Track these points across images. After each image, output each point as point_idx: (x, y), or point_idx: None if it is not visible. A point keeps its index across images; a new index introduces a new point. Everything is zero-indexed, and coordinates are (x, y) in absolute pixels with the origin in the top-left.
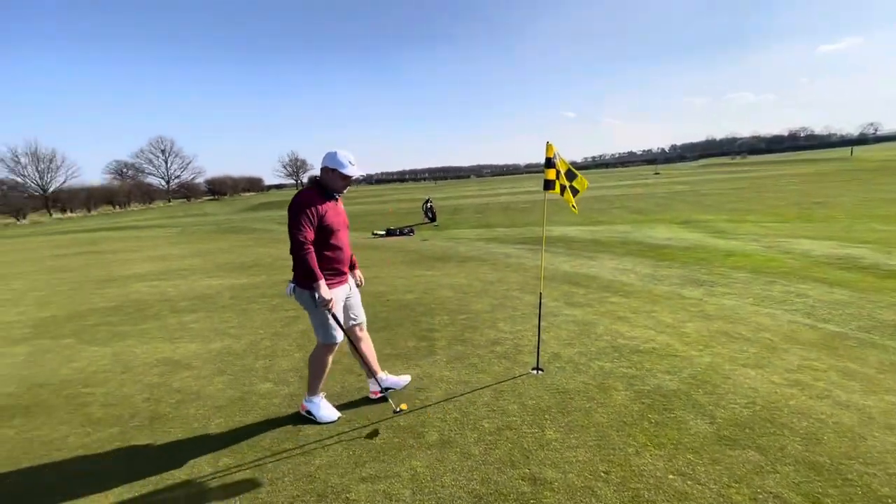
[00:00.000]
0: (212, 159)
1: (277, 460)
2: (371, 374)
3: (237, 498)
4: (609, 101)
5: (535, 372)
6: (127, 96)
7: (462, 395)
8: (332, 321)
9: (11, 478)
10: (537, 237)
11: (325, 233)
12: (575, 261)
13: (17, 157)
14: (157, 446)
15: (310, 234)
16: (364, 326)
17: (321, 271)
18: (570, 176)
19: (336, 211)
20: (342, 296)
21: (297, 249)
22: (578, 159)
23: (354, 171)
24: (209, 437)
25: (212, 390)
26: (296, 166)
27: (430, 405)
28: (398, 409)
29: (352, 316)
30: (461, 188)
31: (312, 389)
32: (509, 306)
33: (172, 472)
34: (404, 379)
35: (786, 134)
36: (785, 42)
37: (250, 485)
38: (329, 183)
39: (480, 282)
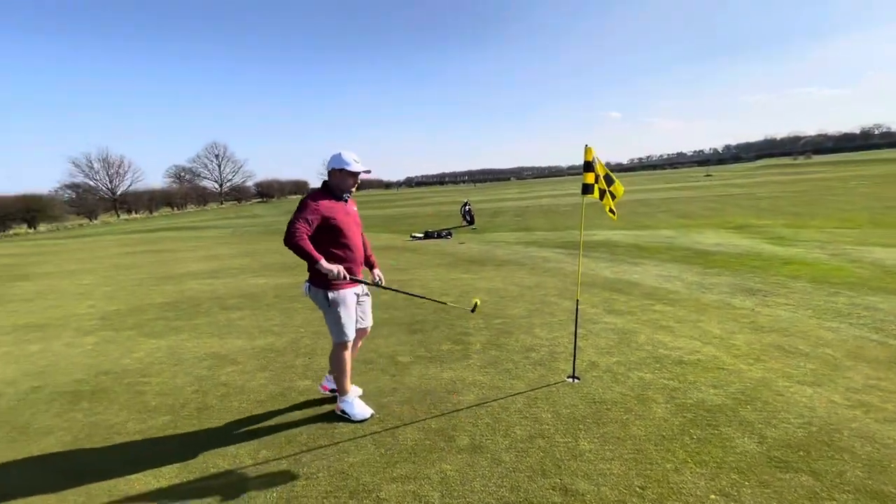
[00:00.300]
0: (261, 163)
1: (313, 456)
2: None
3: (274, 489)
4: (657, 100)
5: (570, 380)
6: (189, 99)
7: (495, 400)
8: (344, 319)
9: (77, 457)
10: (578, 241)
11: (334, 233)
12: (617, 266)
13: (90, 162)
14: (204, 436)
15: (304, 226)
16: (367, 332)
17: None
18: (609, 181)
19: (346, 211)
20: (353, 297)
21: (288, 237)
22: (624, 161)
23: (359, 167)
24: (250, 429)
25: (254, 385)
26: None
27: (461, 409)
28: (473, 309)
29: (359, 317)
30: (501, 191)
31: (342, 389)
32: (546, 312)
33: (216, 461)
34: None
35: (857, 132)
36: (859, 31)
37: (287, 478)
38: (339, 184)
39: (517, 286)
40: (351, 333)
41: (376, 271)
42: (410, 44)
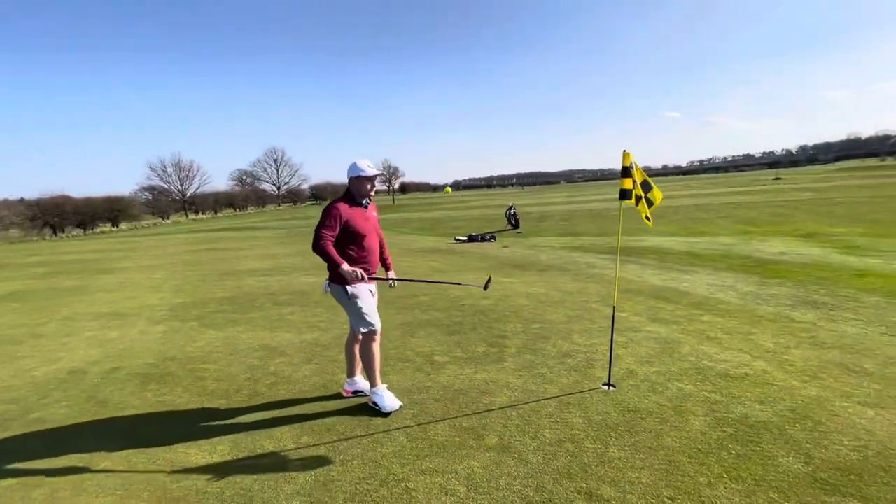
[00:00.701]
0: (314, 167)
1: (349, 444)
2: (350, 374)
3: (312, 472)
4: (722, 98)
5: (605, 388)
6: (248, 104)
7: (526, 403)
8: (365, 310)
9: (146, 431)
10: (627, 247)
11: (351, 237)
12: (666, 274)
13: (165, 167)
14: (253, 419)
15: (328, 233)
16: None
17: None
18: (646, 187)
19: (365, 217)
20: (368, 291)
21: (315, 243)
22: (683, 163)
23: (373, 171)
24: (294, 416)
25: (300, 376)
26: (388, 173)
27: (493, 410)
28: (486, 286)
29: None
30: (549, 194)
31: (372, 381)
32: (587, 318)
33: (263, 442)
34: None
35: None
36: None
37: (324, 462)
38: (358, 190)
39: (559, 292)
40: (376, 322)
41: (391, 273)
42: (457, 42)
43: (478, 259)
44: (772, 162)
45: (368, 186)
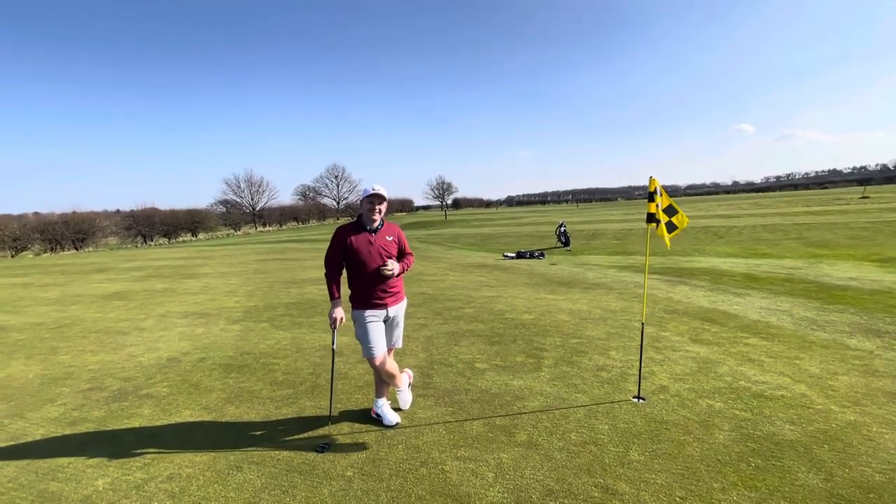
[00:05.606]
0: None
1: (395, 432)
2: (377, 394)
3: (364, 451)
4: (803, 109)
5: (635, 400)
6: (319, 123)
7: (557, 409)
8: (361, 337)
9: (229, 408)
10: (680, 268)
11: (355, 264)
12: (717, 296)
13: (239, 182)
14: (315, 407)
15: (331, 259)
16: (391, 351)
17: (356, 297)
18: (671, 211)
19: (368, 240)
20: (367, 318)
21: (325, 271)
22: (756, 179)
23: (371, 190)
24: (349, 407)
25: (354, 374)
26: (442, 189)
27: (524, 413)
28: None
29: (388, 337)
30: (605, 211)
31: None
32: (626, 336)
33: (323, 426)
34: (393, 418)
35: None
36: None
37: (374, 444)
38: (364, 212)
39: (602, 309)
40: (368, 352)
41: (395, 263)
42: (523, 59)
43: (524, 275)
44: (862, 178)
45: (368, 207)
